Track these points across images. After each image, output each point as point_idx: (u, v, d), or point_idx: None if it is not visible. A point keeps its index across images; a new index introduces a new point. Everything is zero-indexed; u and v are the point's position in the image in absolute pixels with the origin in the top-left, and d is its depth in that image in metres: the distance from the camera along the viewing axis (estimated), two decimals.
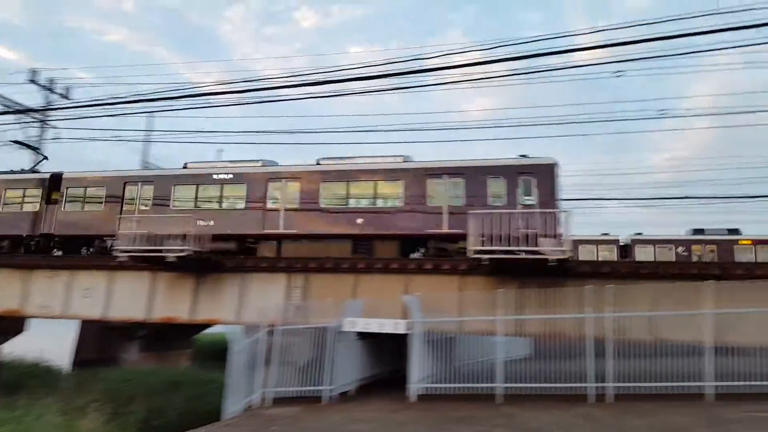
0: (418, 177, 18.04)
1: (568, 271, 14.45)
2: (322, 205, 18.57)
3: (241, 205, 19.36)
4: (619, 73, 14.22)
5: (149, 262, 17.35)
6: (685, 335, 12.82)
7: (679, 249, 30.55)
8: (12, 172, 23.87)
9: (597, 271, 14.47)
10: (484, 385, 12.85)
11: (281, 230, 18.73)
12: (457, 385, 13.00)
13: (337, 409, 12.49)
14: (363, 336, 14.40)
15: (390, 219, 17.83)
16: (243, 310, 17.42)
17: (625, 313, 13.10)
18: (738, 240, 30.28)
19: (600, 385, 12.18)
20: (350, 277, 16.87)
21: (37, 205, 21.82)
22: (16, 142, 26.82)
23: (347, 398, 13.63)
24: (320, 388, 13.10)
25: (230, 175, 19.79)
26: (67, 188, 21.56)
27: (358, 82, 15.86)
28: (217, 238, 18.28)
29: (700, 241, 30.53)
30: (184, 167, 21.15)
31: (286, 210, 18.82)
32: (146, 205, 20.37)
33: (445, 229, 17.32)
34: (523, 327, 14.59)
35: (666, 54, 13.48)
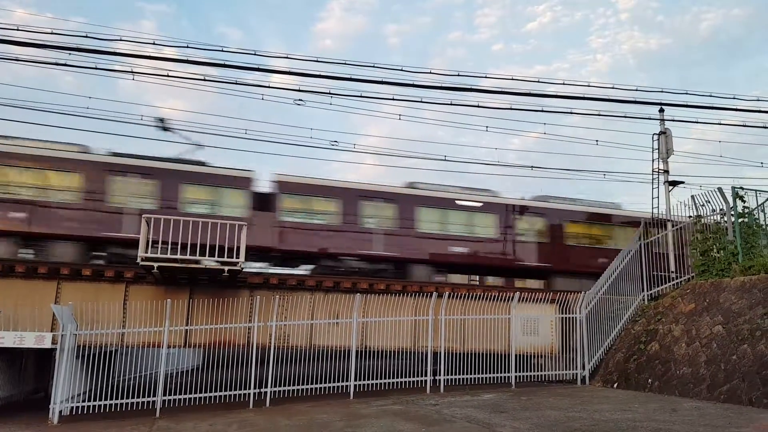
0: None
1: (240, 282, 14.88)
2: None
3: None
4: (299, 102, 15.28)
5: None
6: (336, 340, 14.51)
7: None
8: None
9: (267, 282, 15.24)
10: (143, 399, 12.30)
11: None
12: (112, 401, 12.09)
13: None
14: None
15: None
16: None
17: (287, 322, 14.22)
18: None
19: (260, 390, 12.84)
20: None
21: None
22: None
23: None
24: None
25: None
26: None
27: None
28: None
29: None
30: None
31: None
32: None
33: None
34: (192, 337, 14.46)
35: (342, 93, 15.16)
